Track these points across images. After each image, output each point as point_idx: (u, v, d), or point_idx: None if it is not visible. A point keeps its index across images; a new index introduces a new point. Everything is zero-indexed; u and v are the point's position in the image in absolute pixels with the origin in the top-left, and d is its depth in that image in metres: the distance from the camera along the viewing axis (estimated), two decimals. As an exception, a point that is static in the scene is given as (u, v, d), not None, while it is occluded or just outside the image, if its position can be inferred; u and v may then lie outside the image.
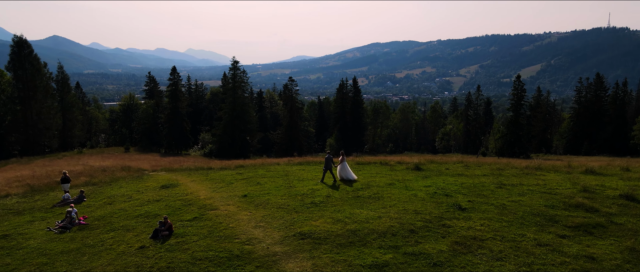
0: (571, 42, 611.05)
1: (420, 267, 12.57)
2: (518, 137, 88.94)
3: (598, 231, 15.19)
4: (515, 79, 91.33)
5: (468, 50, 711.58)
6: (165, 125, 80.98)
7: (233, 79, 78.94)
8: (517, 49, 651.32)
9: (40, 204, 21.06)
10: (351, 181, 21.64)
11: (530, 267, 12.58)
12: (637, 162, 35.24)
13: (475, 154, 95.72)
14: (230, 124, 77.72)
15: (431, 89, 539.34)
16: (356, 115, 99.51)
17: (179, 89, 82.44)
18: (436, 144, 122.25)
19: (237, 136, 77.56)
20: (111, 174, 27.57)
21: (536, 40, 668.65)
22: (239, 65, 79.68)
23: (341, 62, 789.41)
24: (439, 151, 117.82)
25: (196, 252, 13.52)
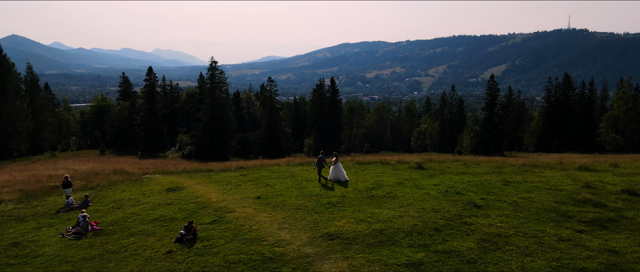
0: (534, 43, 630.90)
1: (455, 264, 12.77)
2: (492, 136, 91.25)
3: (612, 225, 15.80)
4: (489, 79, 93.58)
5: (436, 50, 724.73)
6: (142, 127, 79.16)
7: (211, 79, 77.89)
8: (483, 49, 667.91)
9: (41, 209, 20.27)
10: (343, 182, 21.63)
11: (560, 261, 12.98)
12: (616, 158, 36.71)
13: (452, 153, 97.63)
14: (209, 125, 76.66)
15: (401, 88, 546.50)
16: (334, 116, 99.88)
17: (156, 90, 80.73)
18: (412, 143, 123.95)
19: (217, 137, 76.58)
20: (107, 178, 26.79)
21: (501, 41, 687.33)
22: (217, 65, 78.66)
23: (311, 62, 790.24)
24: (414, 150, 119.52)
25: (228, 256, 13.32)
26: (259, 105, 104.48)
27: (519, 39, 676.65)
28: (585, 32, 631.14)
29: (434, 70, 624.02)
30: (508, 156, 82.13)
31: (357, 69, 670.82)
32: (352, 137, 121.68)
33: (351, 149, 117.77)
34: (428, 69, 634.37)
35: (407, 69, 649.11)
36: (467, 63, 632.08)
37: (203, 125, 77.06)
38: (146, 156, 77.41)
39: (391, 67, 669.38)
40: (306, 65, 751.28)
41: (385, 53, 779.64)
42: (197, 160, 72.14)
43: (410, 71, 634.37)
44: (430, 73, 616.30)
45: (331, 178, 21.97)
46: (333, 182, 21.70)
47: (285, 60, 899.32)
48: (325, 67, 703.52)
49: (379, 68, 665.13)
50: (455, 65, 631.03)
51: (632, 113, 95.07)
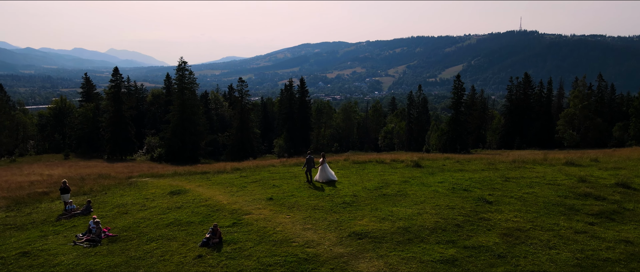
0: (488, 44, 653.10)
1: (488, 259, 13.11)
2: (459, 134, 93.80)
3: (618, 217, 16.64)
4: (455, 79, 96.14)
5: (395, 51, 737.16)
6: (108, 130, 76.47)
7: (181, 80, 76.25)
8: (441, 50, 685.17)
9: (38, 217, 19.26)
10: (332, 182, 21.65)
11: (583, 253, 13.57)
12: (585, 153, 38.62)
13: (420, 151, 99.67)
14: (179, 126, 75.01)
15: (362, 88, 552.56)
16: (304, 116, 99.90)
17: (122, 91, 78.22)
18: (379, 143, 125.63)
19: (188, 139, 75.04)
20: (97, 183, 25.72)
21: (458, 42, 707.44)
22: (187, 65, 77.11)
23: (272, 62, 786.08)
24: (382, 149, 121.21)
25: (261, 258, 13.13)
26: (227, 106, 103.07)
27: (474, 40, 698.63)
28: (536, 34, 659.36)
29: (393, 71, 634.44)
30: (474, 153, 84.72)
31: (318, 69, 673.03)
32: (320, 137, 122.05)
33: (320, 150, 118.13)
34: (388, 69, 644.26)
35: (368, 69, 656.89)
36: (425, 63, 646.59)
37: (173, 127, 75.32)
38: (113, 159, 74.87)
39: (352, 67, 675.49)
40: (267, 66, 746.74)
41: (346, 53, 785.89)
42: (168, 162, 70.46)
43: (371, 71, 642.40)
44: (390, 73, 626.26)
45: (320, 179, 21.89)
46: (322, 183, 21.58)
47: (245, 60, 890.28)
48: (286, 68, 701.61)
49: (339, 68, 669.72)
50: (414, 66, 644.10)
51: (587, 111, 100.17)
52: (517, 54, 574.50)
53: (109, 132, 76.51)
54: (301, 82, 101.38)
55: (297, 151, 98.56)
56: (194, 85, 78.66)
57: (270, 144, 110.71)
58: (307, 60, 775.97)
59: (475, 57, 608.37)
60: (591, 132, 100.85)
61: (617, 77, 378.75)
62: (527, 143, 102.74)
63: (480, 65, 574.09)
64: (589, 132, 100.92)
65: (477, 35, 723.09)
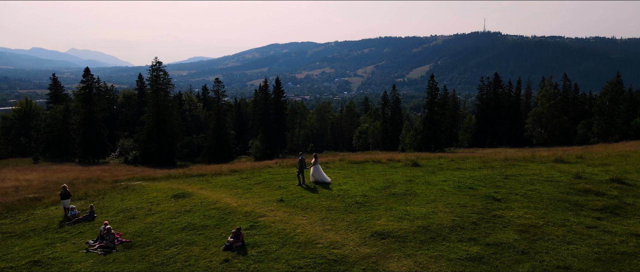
0: (454, 45, 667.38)
1: (512, 256, 13.40)
2: (434, 133, 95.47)
3: (621, 212, 17.32)
4: (429, 79, 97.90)
5: (364, 51, 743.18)
6: (79, 132, 73.97)
7: (156, 80, 74.55)
8: (408, 50, 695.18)
9: (38, 224, 18.43)
10: (325, 183, 21.50)
11: (600, 247, 14.06)
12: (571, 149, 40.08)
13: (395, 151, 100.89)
14: (155, 128, 73.33)
15: (331, 89, 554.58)
16: (280, 116, 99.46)
17: (94, 92, 75.89)
18: (353, 143, 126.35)
19: (164, 141, 73.45)
20: (90, 187, 24.80)
21: (424, 43, 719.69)
22: (162, 66, 75.50)
23: (241, 63, 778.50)
24: (356, 148, 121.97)
25: (291, 261, 13.00)
26: (202, 107, 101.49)
27: (440, 40, 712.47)
28: (499, 35, 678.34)
29: (362, 71, 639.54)
30: (448, 152, 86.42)
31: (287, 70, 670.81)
32: (294, 138, 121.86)
33: (295, 150, 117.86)
34: (356, 69, 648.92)
35: (337, 69, 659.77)
36: (393, 63, 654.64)
37: (148, 129, 73.57)
38: (85, 162, 72.52)
39: (321, 67, 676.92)
40: (235, 66, 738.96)
41: (315, 54, 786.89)
42: (144, 165, 68.82)
43: (340, 71, 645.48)
44: (359, 73, 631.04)
45: (312, 180, 21.80)
46: (315, 184, 21.40)
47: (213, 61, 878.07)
48: (254, 68, 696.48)
49: (308, 69, 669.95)
50: (382, 66, 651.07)
51: (554, 109, 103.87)
52: (481, 55, 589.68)
53: (80, 134, 74.00)
54: (276, 82, 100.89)
55: (273, 152, 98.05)
56: (169, 86, 77.05)
57: (244, 145, 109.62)
58: (275, 60, 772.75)
59: (441, 58, 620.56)
60: (558, 130, 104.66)
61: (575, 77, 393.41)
62: (497, 141, 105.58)
63: (447, 65, 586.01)
64: (555, 130, 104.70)
65: (443, 36, 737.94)
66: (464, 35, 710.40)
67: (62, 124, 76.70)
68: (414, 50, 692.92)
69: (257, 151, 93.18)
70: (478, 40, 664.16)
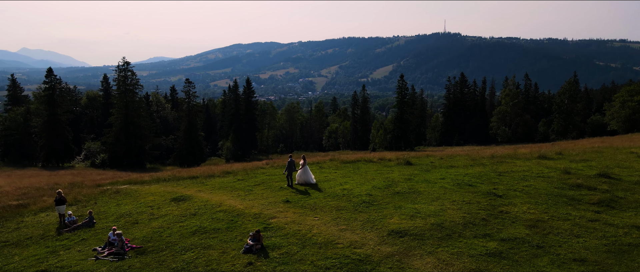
0: (416, 45, 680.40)
1: (528, 250, 13.80)
2: (404, 132, 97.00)
3: (616, 205, 18.14)
4: (399, 78, 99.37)
5: (328, 51, 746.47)
6: (42, 135, 70.85)
7: (124, 81, 72.35)
8: (371, 50, 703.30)
9: (31, 231, 17.49)
10: (312, 185, 21.28)
11: (607, 240, 14.67)
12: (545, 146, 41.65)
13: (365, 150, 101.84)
14: (123, 130, 71.12)
15: (296, 89, 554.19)
16: (250, 117, 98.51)
17: (57, 94, 72.89)
18: (323, 143, 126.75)
19: (133, 143, 71.36)
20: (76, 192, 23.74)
21: (387, 43, 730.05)
22: (130, 66, 73.36)
23: (203, 63, 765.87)
24: (326, 148, 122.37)
25: (316, 262, 12.90)
26: (170, 108, 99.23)
27: (402, 41, 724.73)
28: (459, 36, 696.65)
29: (326, 71, 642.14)
30: (418, 150, 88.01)
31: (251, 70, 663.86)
32: (264, 138, 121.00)
33: (265, 151, 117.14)
34: (321, 70, 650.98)
35: (301, 69, 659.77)
36: (357, 63, 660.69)
37: (116, 131, 71.28)
38: (49, 166, 69.57)
39: (285, 67, 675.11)
40: (198, 67, 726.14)
41: (279, 54, 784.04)
42: (113, 168, 66.61)
43: (304, 72, 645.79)
44: (323, 73, 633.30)
45: (300, 182, 21.50)
46: (304, 186, 21.14)
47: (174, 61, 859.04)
48: (218, 68, 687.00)
49: (272, 69, 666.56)
50: (346, 66, 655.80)
51: (517, 108, 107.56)
52: (442, 55, 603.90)
53: (43, 138, 70.85)
54: (247, 83, 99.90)
55: (244, 153, 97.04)
56: (138, 87, 74.91)
57: (214, 147, 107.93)
58: (239, 60, 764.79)
59: (404, 58, 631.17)
60: (521, 128, 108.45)
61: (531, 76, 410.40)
62: (464, 139, 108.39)
63: (409, 65, 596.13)
64: (518, 127, 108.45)
65: (405, 36, 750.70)
66: (425, 36, 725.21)
67: (23, 127, 73.24)
68: (377, 50, 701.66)
69: (228, 152, 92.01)
70: (439, 41, 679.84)
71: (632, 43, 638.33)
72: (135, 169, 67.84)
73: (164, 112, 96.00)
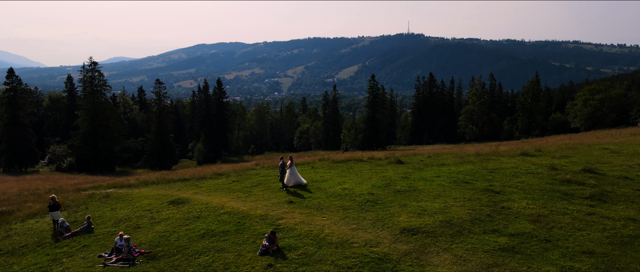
0: (381, 46, 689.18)
1: (538, 244, 14.21)
2: (376, 132, 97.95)
3: (607, 199, 18.90)
4: (370, 79, 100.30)
5: (293, 52, 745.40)
6: (4, 139, 67.58)
7: (91, 82, 69.99)
8: (337, 51, 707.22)
9: (24, 239, 16.61)
10: (303, 186, 21.15)
11: (608, 232, 15.28)
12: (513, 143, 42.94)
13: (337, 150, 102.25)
14: (92, 133, 68.76)
15: (261, 89, 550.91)
16: (222, 118, 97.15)
17: (20, 95, 69.79)
18: (294, 143, 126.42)
19: (102, 146, 69.08)
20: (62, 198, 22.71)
21: (352, 43, 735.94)
22: (98, 67, 71.06)
23: (166, 63, 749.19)
24: (298, 149, 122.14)
25: (336, 262, 12.86)
26: (138, 110, 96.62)
27: (367, 41, 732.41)
28: (422, 37, 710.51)
29: (292, 71, 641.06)
30: (390, 149, 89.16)
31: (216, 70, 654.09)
32: (234, 139, 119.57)
33: (236, 152, 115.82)
34: (286, 70, 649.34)
35: (266, 70, 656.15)
36: (323, 64, 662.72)
37: (84, 134, 68.84)
38: (12, 172, 66.43)
39: (250, 68, 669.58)
40: (161, 67, 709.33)
41: (244, 54, 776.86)
42: (81, 172, 64.25)
43: (270, 72, 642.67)
44: (289, 74, 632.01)
45: (291, 184, 21.10)
46: (294, 188, 20.90)
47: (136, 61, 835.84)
48: (181, 69, 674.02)
49: (238, 69, 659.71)
50: (312, 66, 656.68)
51: (484, 107, 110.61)
52: (406, 55, 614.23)
53: (5, 141, 67.55)
54: (218, 83, 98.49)
55: (216, 154, 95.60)
56: (106, 88, 72.62)
57: (183, 149, 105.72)
58: (203, 61, 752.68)
59: (369, 58, 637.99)
60: (487, 126, 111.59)
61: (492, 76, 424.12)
62: (434, 138, 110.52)
63: (374, 65, 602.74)
64: (485, 126, 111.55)
65: (370, 37, 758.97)
66: (389, 37, 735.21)
67: (-18, 130, 69.64)
68: (342, 51, 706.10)
69: (199, 153, 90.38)
70: (403, 41, 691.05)
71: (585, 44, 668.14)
72: (105, 172, 65.75)
73: (132, 113, 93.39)
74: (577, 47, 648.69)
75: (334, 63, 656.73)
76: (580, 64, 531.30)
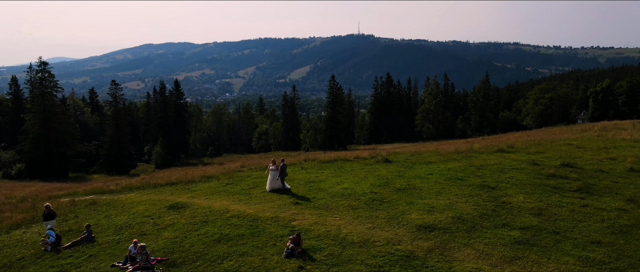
0: (332, 46, 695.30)
1: (549, 236, 14.84)
2: (337, 132, 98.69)
3: (594, 191, 20.01)
4: (330, 79, 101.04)
5: (244, 52, 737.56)
6: (-57, 145, 62.63)
7: (41, 83, 66.17)
8: (288, 51, 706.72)
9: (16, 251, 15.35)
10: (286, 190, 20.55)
11: (606, 222, 16.20)
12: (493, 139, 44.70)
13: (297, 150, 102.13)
14: (43, 137, 65.03)
15: (212, 90, 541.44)
16: (181, 119, 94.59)
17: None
18: (253, 144, 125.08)
19: (54, 150, 65.47)
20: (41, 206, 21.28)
21: (304, 44, 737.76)
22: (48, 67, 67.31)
23: (111, 64, 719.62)
24: (257, 150, 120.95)
25: (366, 261, 12.85)
26: (90, 112, 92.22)
27: (319, 42, 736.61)
28: (372, 38, 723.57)
29: (243, 72, 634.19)
30: (350, 149, 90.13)
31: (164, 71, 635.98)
32: (191, 142, 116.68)
33: (194, 154, 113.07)
34: (238, 71, 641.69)
35: (217, 70, 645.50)
36: (274, 64, 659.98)
37: (34, 138, 64.95)
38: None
39: (200, 68, 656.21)
40: (105, 68, 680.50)
41: (193, 55, 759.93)
42: (33, 179, 60.55)
43: (220, 73, 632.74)
44: (240, 74, 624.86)
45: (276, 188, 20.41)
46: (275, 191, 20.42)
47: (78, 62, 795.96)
48: (127, 70, 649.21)
49: (187, 70, 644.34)
50: (263, 67, 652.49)
51: (439, 106, 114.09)
52: (357, 56, 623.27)
53: (-56, 147, 62.63)
54: (176, 84, 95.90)
55: (174, 157, 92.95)
56: (57, 89, 68.90)
57: (139, 152, 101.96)
58: (151, 61, 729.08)
59: (320, 59, 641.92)
60: (442, 125, 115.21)
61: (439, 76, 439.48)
62: (392, 137, 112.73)
63: (326, 66, 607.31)
64: (440, 124, 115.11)
65: (321, 37, 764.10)
66: (340, 37, 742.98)
67: None
68: (294, 51, 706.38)
69: (157, 157, 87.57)
70: (353, 42, 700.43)
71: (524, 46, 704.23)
72: (58, 178, 62.36)
73: (84, 116, 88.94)
74: (517, 49, 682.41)
75: (285, 64, 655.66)
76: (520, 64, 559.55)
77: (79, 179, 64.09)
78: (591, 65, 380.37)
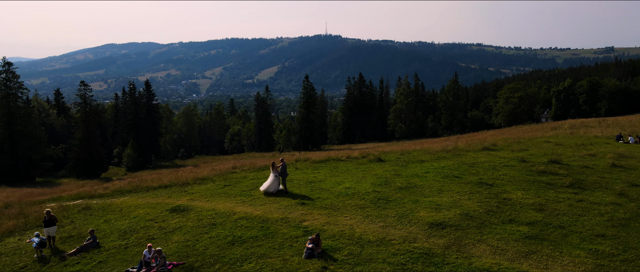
0: (299, 47, 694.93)
1: (556, 230, 15.32)
2: (311, 132, 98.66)
3: (585, 186, 20.77)
4: (304, 79, 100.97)
5: (211, 52, 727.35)
6: None
7: (6, 84, 63.34)
8: (256, 52, 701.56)
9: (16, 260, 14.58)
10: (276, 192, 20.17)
11: (604, 216, 16.84)
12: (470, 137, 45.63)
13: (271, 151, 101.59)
14: (8, 141, 62.25)
15: (179, 91, 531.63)
16: (152, 121, 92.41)
17: None
18: (225, 145, 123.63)
19: (20, 154, 62.81)
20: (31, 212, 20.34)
21: (271, 44, 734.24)
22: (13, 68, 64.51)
23: (71, 64, 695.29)
24: (229, 151, 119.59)
25: (387, 259, 12.91)
26: (56, 115, 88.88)
27: (286, 42, 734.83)
28: (340, 38, 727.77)
29: (210, 73, 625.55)
30: (324, 149, 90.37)
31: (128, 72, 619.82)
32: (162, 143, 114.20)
33: (165, 157, 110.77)
34: (204, 71, 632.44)
35: (183, 71, 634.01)
36: (242, 65, 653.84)
37: (-2, 141, 62.15)
38: None
39: (165, 69, 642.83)
40: (65, 68, 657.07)
41: (158, 55, 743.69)
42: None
43: (187, 73, 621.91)
44: (207, 75, 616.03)
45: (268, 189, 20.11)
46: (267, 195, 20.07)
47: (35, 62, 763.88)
48: (89, 70, 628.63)
49: (152, 71, 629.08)
50: (231, 67, 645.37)
51: (411, 106, 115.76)
52: (325, 56, 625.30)
53: None
54: (146, 85, 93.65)
55: (146, 160, 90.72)
56: (23, 91, 66.10)
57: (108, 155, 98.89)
58: (113, 62, 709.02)
59: (288, 59, 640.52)
60: (414, 124, 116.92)
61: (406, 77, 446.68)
62: (365, 137, 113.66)
63: (294, 66, 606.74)
64: (412, 124, 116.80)
65: (289, 38, 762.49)
66: (308, 38, 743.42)
67: None
68: (261, 51, 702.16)
69: (129, 159, 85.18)
70: (321, 42, 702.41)
71: (487, 47, 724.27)
72: (25, 183, 59.88)
73: (49, 119, 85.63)
74: (480, 50, 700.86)
75: (253, 64, 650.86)
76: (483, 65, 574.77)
77: (47, 183, 61.69)
78: (550, 65, 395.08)
